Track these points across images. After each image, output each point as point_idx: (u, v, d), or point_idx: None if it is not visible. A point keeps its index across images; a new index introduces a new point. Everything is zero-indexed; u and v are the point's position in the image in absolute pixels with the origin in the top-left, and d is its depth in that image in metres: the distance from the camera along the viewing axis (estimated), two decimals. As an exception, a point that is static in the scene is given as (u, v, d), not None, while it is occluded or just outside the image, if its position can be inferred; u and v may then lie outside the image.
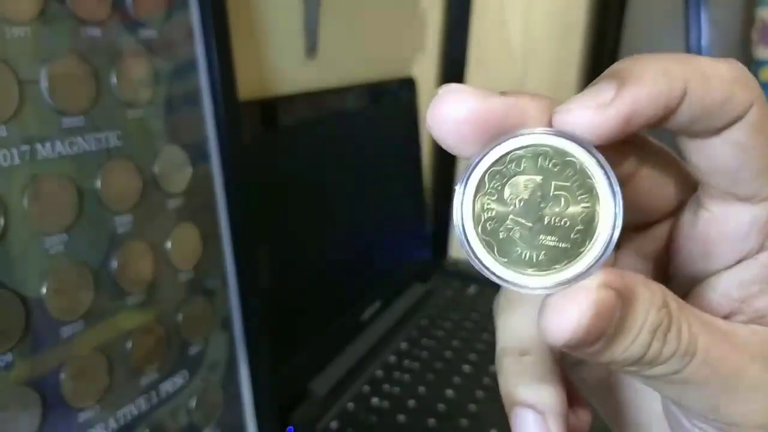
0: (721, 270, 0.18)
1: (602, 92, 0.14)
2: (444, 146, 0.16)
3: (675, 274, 0.19)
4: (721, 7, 1.18)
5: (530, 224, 0.15)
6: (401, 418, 0.56)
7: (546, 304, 0.14)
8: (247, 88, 0.47)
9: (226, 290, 0.44)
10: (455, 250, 0.90)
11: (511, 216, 0.15)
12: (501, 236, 0.15)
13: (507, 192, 0.15)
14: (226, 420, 0.44)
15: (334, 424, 0.54)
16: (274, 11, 0.56)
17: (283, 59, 0.58)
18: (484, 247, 0.15)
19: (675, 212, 0.19)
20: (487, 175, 0.15)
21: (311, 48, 0.61)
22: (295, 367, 0.57)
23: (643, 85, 0.14)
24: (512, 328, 0.19)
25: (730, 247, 0.17)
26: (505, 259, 0.15)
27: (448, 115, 0.15)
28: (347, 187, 0.66)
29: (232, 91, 0.42)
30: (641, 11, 1.36)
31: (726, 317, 0.18)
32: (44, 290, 0.31)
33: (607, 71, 0.15)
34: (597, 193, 0.15)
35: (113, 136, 0.35)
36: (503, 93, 0.15)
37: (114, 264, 0.35)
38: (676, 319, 0.15)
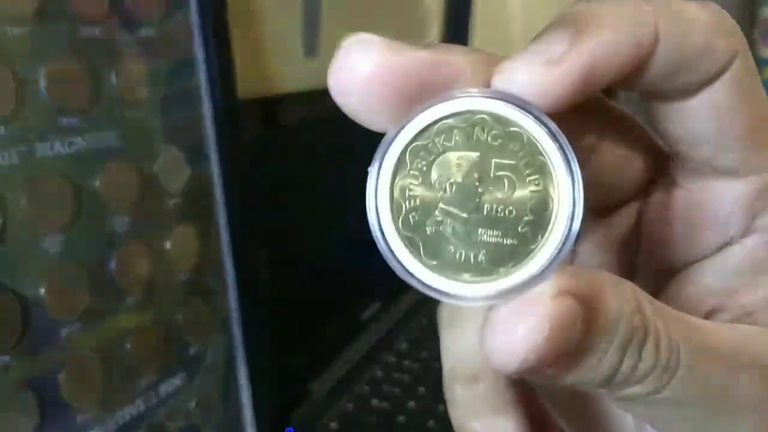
0: (699, 260, 0.15)
1: (552, 44, 0.11)
2: (351, 115, 0.12)
3: (643, 267, 0.17)
4: (723, 7, 1.18)
5: (466, 215, 0.12)
6: (401, 419, 0.55)
7: (489, 321, 0.11)
8: (246, 87, 0.47)
9: (225, 291, 0.44)
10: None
11: (440, 205, 0.12)
12: (428, 231, 0.12)
13: (434, 174, 0.12)
14: (226, 421, 0.44)
15: (333, 425, 0.54)
16: (274, 10, 0.56)
17: (282, 58, 0.58)
18: (406, 247, 0.12)
19: (643, 193, 0.16)
20: (408, 152, 0.12)
21: (311, 47, 0.61)
22: (295, 368, 0.57)
23: (603, 33, 0.11)
24: (459, 348, 0.16)
25: (709, 231, 0.15)
26: (434, 262, 0.12)
27: (353, 72, 0.12)
28: (347, 186, 0.66)
29: (231, 90, 0.42)
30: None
31: (707, 316, 0.15)
32: (42, 290, 0.31)
33: (557, 16, 0.12)
34: (550, 172, 0.12)
35: (112, 135, 0.35)
36: (427, 45, 0.12)
37: (113, 264, 0.35)
38: (653, 326, 0.12)
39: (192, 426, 0.41)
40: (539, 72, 0.11)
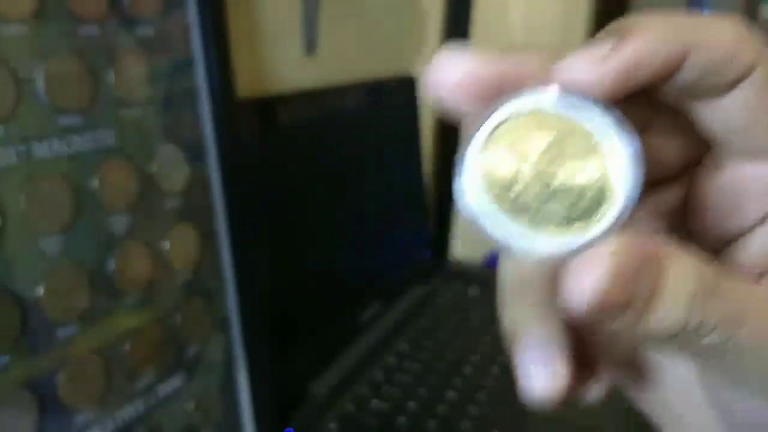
0: (748, 227, 0.17)
1: (602, 45, 0.15)
2: (439, 106, 0.16)
3: (697, 236, 0.18)
4: (724, 7, 1.18)
5: (542, 185, 0.15)
6: (401, 420, 0.55)
7: (564, 271, 0.14)
8: (245, 86, 0.47)
9: (224, 291, 0.43)
10: (456, 251, 0.90)
11: (521, 177, 0.15)
12: (511, 199, 0.15)
13: (515, 153, 0.15)
14: (225, 422, 0.44)
15: (333, 426, 0.54)
16: (273, 8, 0.56)
17: (282, 57, 0.57)
18: (493, 212, 0.15)
19: (693, 166, 0.18)
20: (490, 137, 0.15)
21: (310, 45, 0.61)
22: (295, 369, 0.57)
23: (643, 38, 0.14)
24: (514, 268, 0.19)
25: (754, 201, 0.17)
26: (515, 225, 0.15)
27: (443, 77, 0.15)
28: (347, 186, 0.65)
29: (230, 89, 0.42)
30: (643, 12, 1.36)
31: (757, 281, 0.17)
32: (41, 291, 0.31)
33: (607, 27, 0.15)
34: (613, 149, 0.15)
35: (110, 135, 0.35)
36: (505, 52, 0.15)
37: (111, 265, 0.35)
38: (718, 283, 0.14)
39: (191, 427, 0.41)
40: (592, 64, 0.14)
